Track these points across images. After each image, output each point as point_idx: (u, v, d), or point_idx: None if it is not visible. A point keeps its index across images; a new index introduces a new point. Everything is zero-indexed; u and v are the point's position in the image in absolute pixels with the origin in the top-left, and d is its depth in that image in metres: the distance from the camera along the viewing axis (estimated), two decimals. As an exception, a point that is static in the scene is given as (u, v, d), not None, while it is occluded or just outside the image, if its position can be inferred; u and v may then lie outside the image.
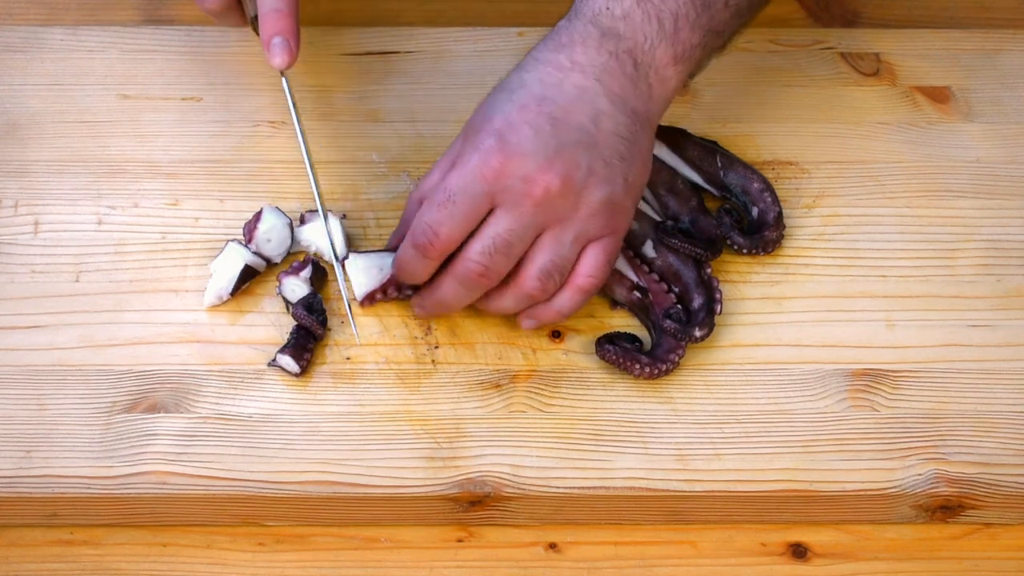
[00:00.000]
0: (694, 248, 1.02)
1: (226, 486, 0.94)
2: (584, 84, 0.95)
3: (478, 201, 0.93)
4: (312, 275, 1.01)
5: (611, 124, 0.94)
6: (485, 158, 0.92)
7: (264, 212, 1.04)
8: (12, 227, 1.05)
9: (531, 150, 0.92)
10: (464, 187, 0.92)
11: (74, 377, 0.98)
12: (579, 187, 0.93)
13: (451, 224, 0.93)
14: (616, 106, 0.95)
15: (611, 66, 0.95)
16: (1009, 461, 0.96)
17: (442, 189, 0.93)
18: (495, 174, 0.92)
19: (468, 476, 0.94)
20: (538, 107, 0.93)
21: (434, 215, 0.93)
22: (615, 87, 0.95)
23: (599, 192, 0.94)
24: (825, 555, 0.96)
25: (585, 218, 0.94)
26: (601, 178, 0.94)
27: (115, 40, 1.16)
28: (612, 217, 0.95)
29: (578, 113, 0.94)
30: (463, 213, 0.93)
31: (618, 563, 0.96)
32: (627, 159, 0.95)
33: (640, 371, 0.98)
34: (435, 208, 0.93)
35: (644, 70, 0.96)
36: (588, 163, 0.93)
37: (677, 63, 0.97)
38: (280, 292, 1.01)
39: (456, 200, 0.93)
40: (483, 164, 0.92)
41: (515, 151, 0.92)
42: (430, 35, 1.18)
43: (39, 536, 0.96)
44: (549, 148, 0.92)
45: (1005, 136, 1.13)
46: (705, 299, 1.01)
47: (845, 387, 0.99)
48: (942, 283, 1.05)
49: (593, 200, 0.94)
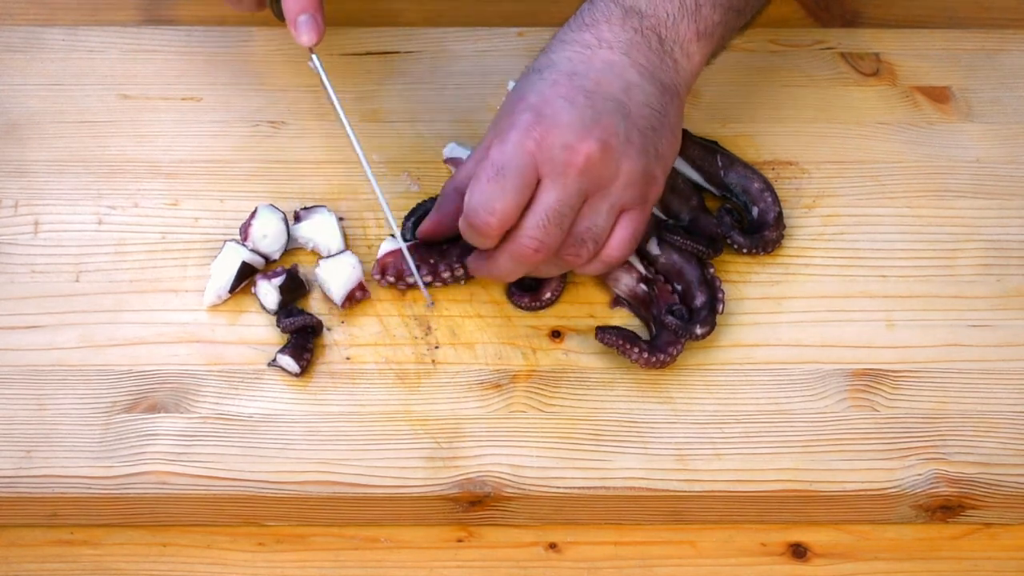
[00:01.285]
0: (695, 246, 1.02)
1: (226, 486, 0.94)
2: (612, 59, 0.96)
3: (525, 172, 0.93)
4: (284, 284, 1.00)
5: (641, 95, 0.95)
6: (526, 131, 0.93)
7: (258, 209, 1.04)
8: (12, 227, 1.05)
9: (568, 120, 0.93)
10: (508, 160, 0.92)
11: (74, 377, 0.98)
12: (618, 154, 0.94)
13: (504, 199, 0.93)
14: (645, 78, 0.96)
15: (637, 41, 0.96)
16: (1009, 461, 0.96)
17: (487, 166, 0.93)
18: (537, 145, 0.92)
19: (468, 476, 0.94)
20: (569, 82, 0.94)
21: (485, 192, 0.93)
22: (642, 60, 0.96)
23: (636, 161, 0.94)
24: (825, 555, 0.96)
25: (622, 187, 0.95)
26: (637, 147, 0.95)
27: (115, 40, 1.16)
28: (646, 187, 0.96)
29: (609, 85, 0.95)
30: (514, 186, 0.93)
31: (618, 563, 0.96)
32: (658, 130, 0.96)
33: (638, 356, 0.97)
34: (485, 184, 0.93)
35: (669, 45, 0.97)
36: (625, 131, 0.94)
37: (700, 39, 0.98)
38: (254, 292, 1.01)
39: (505, 174, 0.92)
40: (524, 137, 0.92)
41: (553, 122, 0.93)
42: (430, 35, 1.18)
43: (39, 536, 0.96)
44: (586, 118, 0.93)
45: (1005, 136, 1.13)
46: (707, 298, 1.01)
47: (845, 387, 0.99)
48: (942, 283, 1.05)
49: (630, 169, 0.94)
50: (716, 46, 1.01)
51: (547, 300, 1.02)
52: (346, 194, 1.08)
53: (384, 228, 1.06)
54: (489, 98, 1.14)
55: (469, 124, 1.12)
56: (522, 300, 1.02)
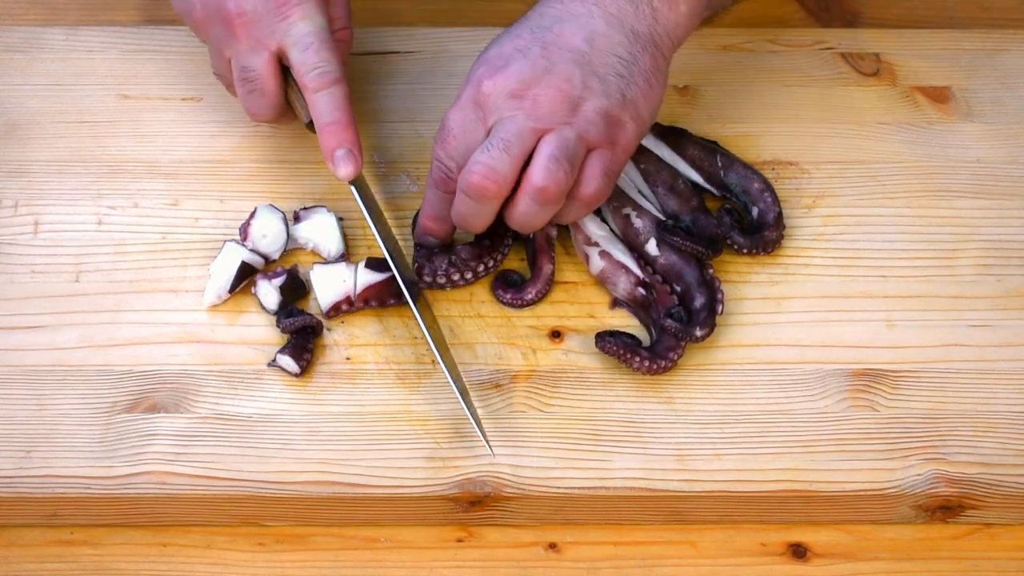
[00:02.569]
0: (695, 246, 1.02)
1: (226, 486, 0.94)
2: (580, 11, 0.97)
3: (473, 125, 0.96)
4: (285, 284, 1.00)
5: (606, 43, 0.96)
6: (475, 85, 0.96)
7: (258, 209, 1.04)
8: (12, 227, 1.05)
9: (518, 70, 0.95)
10: (459, 117, 0.96)
11: (74, 377, 0.98)
12: (574, 97, 0.95)
13: (457, 156, 0.97)
14: (613, 27, 0.97)
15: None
16: (1009, 461, 0.96)
17: (441, 127, 0.97)
18: (484, 96, 0.96)
19: (468, 476, 0.94)
20: (530, 35, 0.97)
21: (440, 152, 0.97)
22: (612, 9, 0.97)
23: (595, 102, 0.95)
24: (825, 555, 0.96)
25: (582, 123, 0.95)
26: (597, 91, 0.95)
27: (115, 40, 1.16)
28: (609, 128, 0.96)
29: (571, 36, 0.96)
30: (464, 142, 0.96)
31: (618, 563, 0.96)
32: (625, 76, 0.96)
33: (639, 364, 0.98)
34: (439, 145, 0.98)
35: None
36: (582, 78, 0.95)
37: None
38: (255, 292, 1.01)
39: (455, 133, 0.96)
40: (474, 90, 0.96)
41: (502, 72, 0.96)
42: (430, 35, 1.18)
43: (39, 536, 0.96)
44: (537, 67, 0.95)
45: (1005, 136, 1.13)
46: (707, 299, 1.01)
47: (845, 387, 0.99)
48: (942, 283, 1.05)
49: (588, 108, 0.95)
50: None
51: (529, 299, 1.02)
52: (346, 194, 1.07)
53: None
54: (489, 98, 1.13)
55: (469, 124, 1.12)
56: (505, 296, 1.02)
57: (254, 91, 1.02)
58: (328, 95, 1.00)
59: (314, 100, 1.00)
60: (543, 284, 1.02)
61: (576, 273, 1.04)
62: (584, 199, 0.97)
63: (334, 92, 1.00)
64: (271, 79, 1.01)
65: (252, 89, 1.02)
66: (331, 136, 1.00)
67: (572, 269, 1.05)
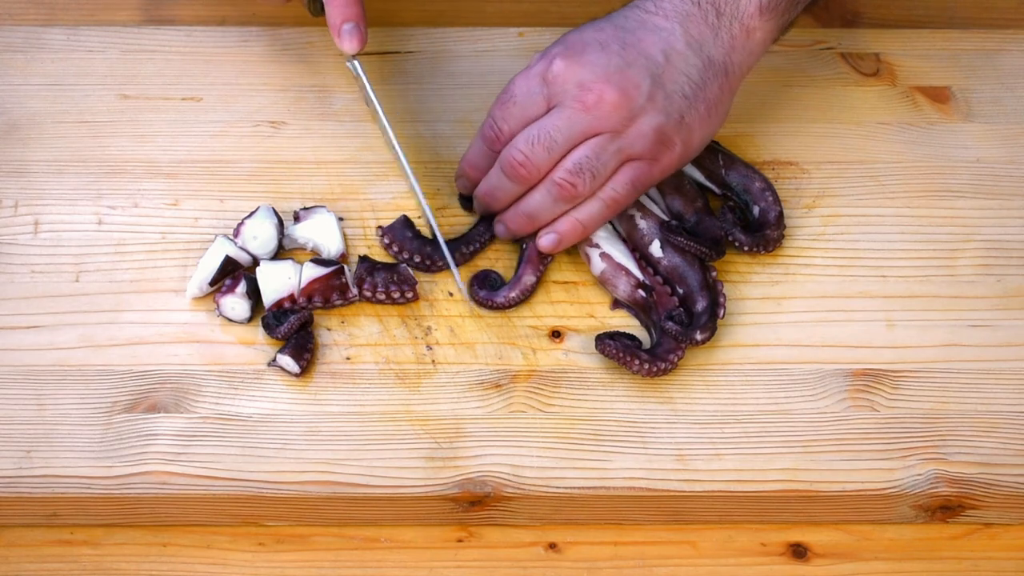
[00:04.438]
0: (698, 247, 1.02)
1: (226, 486, 0.94)
2: (664, 25, 0.98)
3: (536, 99, 0.98)
4: (249, 289, 1.00)
5: (682, 63, 0.97)
6: (548, 62, 0.98)
7: (258, 210, 1.04)
8: (12, 227, 1.05)
9: (593, 61, 0.96)
10: (524, 87, 0.98)
11: (74, 377, 0.98)
12: (635, 106, 0.96)
13: (511, 121, 0.99)
14: (692, 49, 0.98)
15: (693, 13, 0.99)
16: (1009, 461, 0.96)
17: (506, 89, 0.99)
18: (554, 77, 0.97)
19: (468, 476, 0.94)
20: (613, 31, 0.98)
21: (497, 112, 1.00)
22: (694, 31, 0.98)
23: (653, 118, 0.97)
24: (825, 555, 0.96)
25: (632, 135, 0.97)
26: (659, 107, 0.97)
27: (115, 40, 1.16)
28: (658, 145, 0.97)
29: (651, 45, 0.97)
30: (521, 113, 0.98)
31: (618, 563, 0.96)
32: (690, 99, 0.98)
33: (639, 367, 0.98)
34: (499, 106, 1.00)
35: (727, 20, 0.99)
36: (649, 89, 0.96)
37: (763, 14, 1.00)
38: (221, 314, 1.01)
39: (516, 100, 0.98)
40: (545, 68, 0.98)
41: (577, 60, 0.97)
42: (430, 35, 1.18)
43: (39, 536, 0.96)
44: (612, 64, 0.96)
45: (1005, 136, 1.13)
46: (709, 302, 1.01)
47: (845, 387, 0.99)
48: (942, 283, 1.05)
49: (644, 123, 0.97)
50: (782, 19, 1.02)
51: (498, 303, 1.02)
52: (346, 194, 1.08)
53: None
54: (489, 98, 1.13)
55: (469, 124, 1.12)
56: (478, 294, 1.02)
57: None
58: None
59: None
60: (519, 292, 1.02)
61: (576, 273, 1.04)
62: (604, 198, 0.99)
63: None
64: None
65: None
66: (339, 10, 1.03)
67: (572, 269, 1.05)
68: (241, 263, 1.02)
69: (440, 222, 1.05)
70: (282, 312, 1.00)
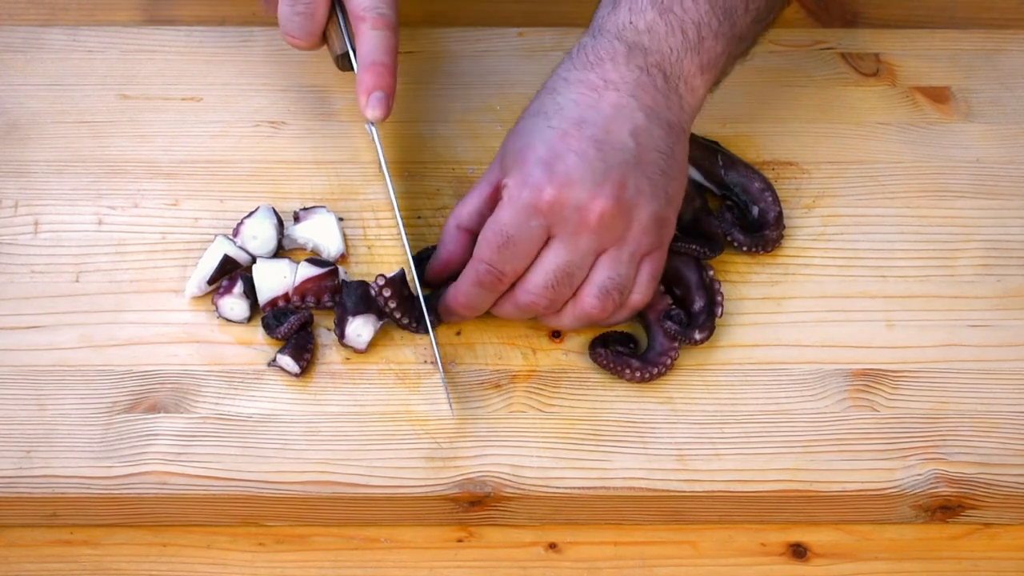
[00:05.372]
0: (692, 247, 1.02)
1: (226, 486, 0.94)
2: (619, 101, 0.95)
3: (535, 235, 0.94)
4: (246, 289, 1.00)
5: (649, 140, 0.95)
6: (536, 192, 0.93)
7: (258, 210, 1.04)
8: (12, 227, 1.05)
9: (580, 177, 0.93)
10: (519, 224, 0.93)
11: (74, 377, 0.98)
12: (630, 206, 0.94)
13: (514, 263, 0.94)
14: (652, 120, 0.95)
15: (643, 81, 0.96)
16: (1009, 461, 0.96)
17: (497, 229, 0.94)
18: (549, 207, 0.93)
19: (468, 476, 0.94)
20: (579, 131, 0.94)
21: (495, 256, 0.94)
22: (648, 101, 0.96)
23: (648, 208, 0.95)
24: (825, 555, 0.96)
25: (638, 236, 0.95)
26: (648, 195, 0.95)
27: (115, 40, 1.16)
28: (659, 230, 0.96)
29: (618, 132, 0.94)
30: (524, 251, 0.94)
31: (618, 563, 0.96)
32: (667, 173, 0.96)
33: (631, 375, 0.98)
34: (496, 250, 0.94)
35: (674, 82, 0.97)
36: (635, 182, 0.94)
37: (704, 72, 0.98)
38: (220, 314, 1.01)
39: (515, 240, 0.93)
40: (535, 198, 0.93)
41: (565, 181, 0.93)
42: (430, 35, 1.18)
43: (39, 536, 0.96)
44: (597, 173, 0.93)
45: (1005, 136, 1.13)
46: (706, 302, 1.01)
47: (845, 387, 0.99)
48: (942, 283, 1.05)
49: (643, 217, 0.95)
50: (719, 76, 1.01)
51: None
52: (346, 194, 1.08)
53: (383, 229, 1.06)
54: (489, 98, 1.14)
55: (469, 124, 1.12)
56: None
57: (302, 13, 1.02)
58: (382, 35, 1.00)
59: (367, 36, 1.00)
60: None
61: (576, 273, 1.05)
62: (633, 305, 0.98)
63: (387, 36, 1.00)
64: (323, 4, 1.02)
65: (301, 11, 1.02)
66: (374, 76, 1.00)
67: (572, 269, 1.05)
68: (240, 263, 1.02)
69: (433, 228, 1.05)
70: (282, 312, 1.00)
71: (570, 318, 0.97)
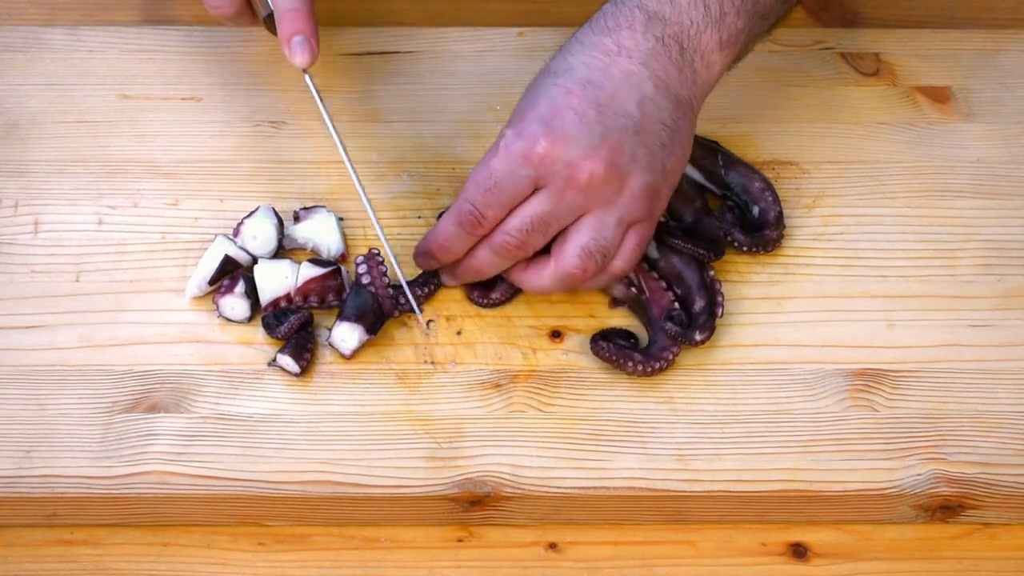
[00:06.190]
0: (695, 249, 1.02)
1: (226, 486, 0.94)
2: (630, 69, 0.95)
3: (523, 184, 0.94)
4: (247, 289, 1.00)
5: (655, 110, 0.95)
6: (531, 143, 0.93)
7: (258, 210, 1.04)
8: (12, 227, 1.05)
9: (575, 136, 0.93)
10: (509, 172, 0.94)
11: (74, 377, 0.98)
12: (623, 173, 0.94)
13: (496, 209, 0.95)
14: (660, 92, 0.95)
15: (657, 51, 0.96)
16: (1009, 461, 0.96)
17: (486, 172, 0.95)
18: (539, 159, 0.93)
19: (468, 476, 0.94)
20: (583, 92, 0.94)
21: (479, 198, 0.95)
22: (660, 72, 0.96)
23: (641, 178, 0.95)
24: (825, 555, 0.96)
25: (627, 203, 0.95)
26: (643, 165, 0.95)
27: (115, 40, 1.16)
28: (650, 202, 0.96)
29: (623, 98, 0.94)
30: (508, 198, 0.94)
31: (618, 563, 0.96)
32: (668, 146, 0.96)
33: (633, 368, 0.98)
34: (481, 192, 0.95)
35: (690, 55, 0.97)
36: (632, 149, 0.94)
37: (723, 48, 0.98)
38: (221, 314, 1.01)
39: (501, 186, 0.94)
40: (528, 149, 0.93)
41: (559, 137, 0.93)
42: (430, 35, 1.18)
43: (39, 536, 0.96)
44: (594, 134, 0.93)
45: (1005, 136, 1.13)
46: (707, 302, 1.01)
47: (845, 387, 0.99)
48: (942, 283, 1.05)
49: (635, 186, 0.95)
50: (739, 53, 1.00)
51: (495, 299, 1.02)
52: (346, 194, 1.07)
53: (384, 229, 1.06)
54: (489, 98, 1.13)
55: (469, 124, 1.12)
56: (472, 293, 1.02)
57: None
58: None
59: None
60: (508, 286, 1.01)
61: (576, 273, 1.04)
62: (614, 272, 0.98)
63: None
64: None
65: None
66: (290, 22, 1.00)
67: (572, 269, 1.05)
68: (240, 263, 1.02)
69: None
70: (282, 312, 1.00)
71: (550, 277, 0.97)
